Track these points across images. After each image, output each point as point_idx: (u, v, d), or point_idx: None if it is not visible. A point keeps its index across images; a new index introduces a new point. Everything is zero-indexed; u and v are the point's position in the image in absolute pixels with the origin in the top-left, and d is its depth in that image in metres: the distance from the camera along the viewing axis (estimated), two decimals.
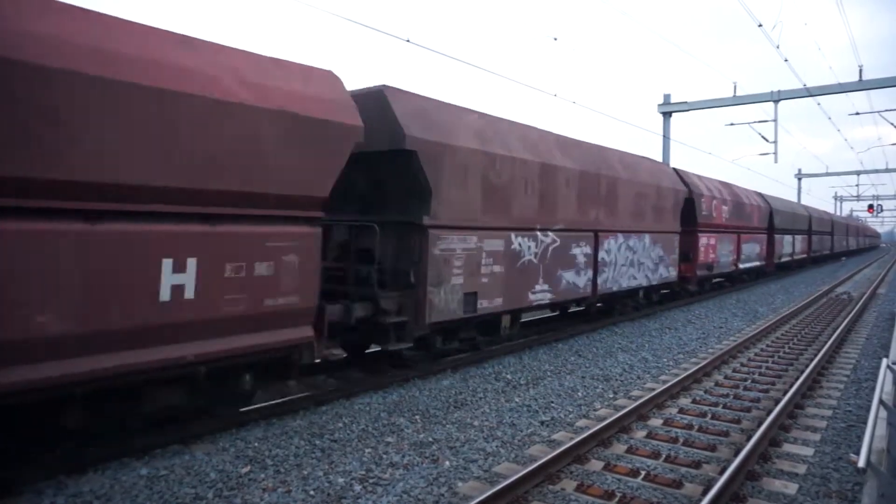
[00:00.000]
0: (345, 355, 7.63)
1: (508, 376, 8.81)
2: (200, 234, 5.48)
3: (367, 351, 9.05)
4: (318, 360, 7.02)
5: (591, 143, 12.73)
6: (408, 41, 10.51)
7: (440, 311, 8.24)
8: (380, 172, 8.24)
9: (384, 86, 7.95)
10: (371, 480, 5.18)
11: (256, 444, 5.90)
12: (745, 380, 8.91)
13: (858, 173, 55.05)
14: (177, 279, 5.28)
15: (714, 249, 18.55)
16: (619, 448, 6.11)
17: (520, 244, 9.83)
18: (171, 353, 5.31)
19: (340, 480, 5.16)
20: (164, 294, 5.19)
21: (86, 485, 4.89)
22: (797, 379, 8.55)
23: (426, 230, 7.98)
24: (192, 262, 5.38)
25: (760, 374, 9.30)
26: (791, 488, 5.26)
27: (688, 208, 16.68)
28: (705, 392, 8.24)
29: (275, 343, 6.18)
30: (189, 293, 5.36)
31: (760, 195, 25.75)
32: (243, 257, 5.82)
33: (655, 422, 6.97)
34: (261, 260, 5.97)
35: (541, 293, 10.45)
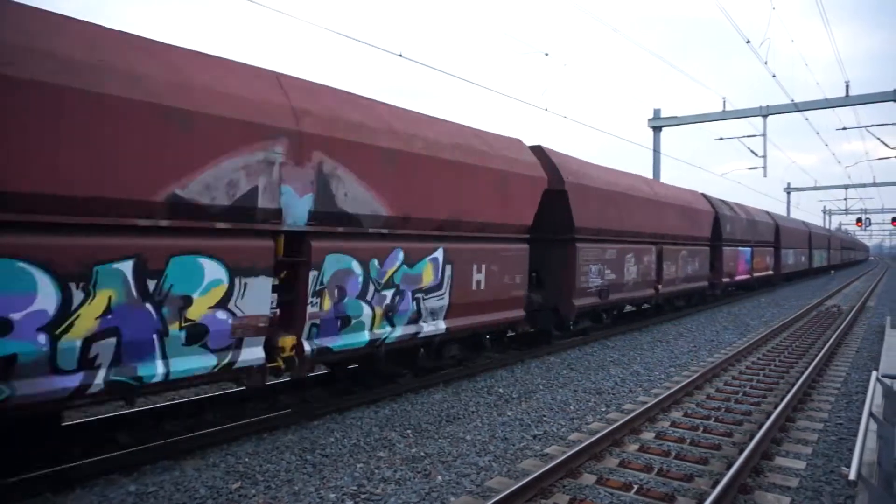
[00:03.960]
0: None
1: (500, 390, 8.79)
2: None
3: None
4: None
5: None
6: (400, 55, 10.59)
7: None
8: None
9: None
10: (363, 496, 5.14)
11: (247, 460, 5.84)
12: (737, 393, 8.94)
13: (847, 187, 55.71)
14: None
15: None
16: (612, 462, 6.10)
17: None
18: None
19: (332, 496, 5.12)
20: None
21: (73, 502, 4.83)
22: (788, 392, 8.59)
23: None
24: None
25: (752, 386, 9.33)
26: (784, 502, 5.26)
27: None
28: (697, 405, 8.25)
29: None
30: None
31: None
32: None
33: (648, 435, 6.97)
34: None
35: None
